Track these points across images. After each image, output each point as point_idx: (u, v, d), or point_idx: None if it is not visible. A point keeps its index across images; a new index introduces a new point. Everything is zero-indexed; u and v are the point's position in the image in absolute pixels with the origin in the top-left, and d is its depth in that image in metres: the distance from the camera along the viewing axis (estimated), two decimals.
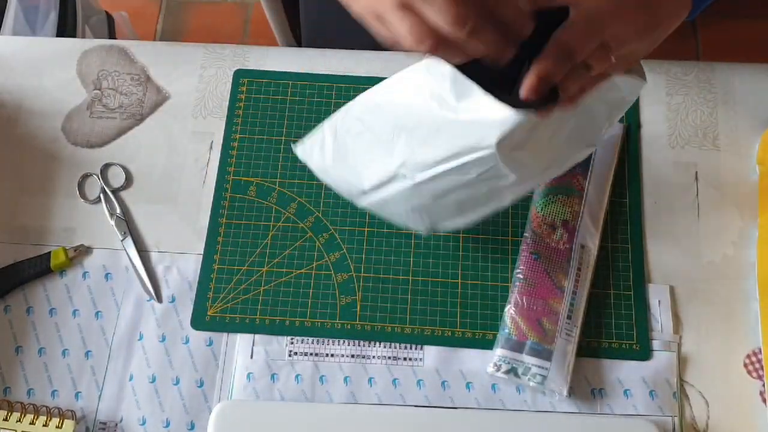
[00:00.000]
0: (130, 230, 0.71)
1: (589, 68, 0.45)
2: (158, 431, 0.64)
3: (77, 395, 0.65)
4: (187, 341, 0.67)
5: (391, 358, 0.66)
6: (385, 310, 0.67)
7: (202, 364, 0.66)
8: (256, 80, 0.77)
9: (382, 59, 0.77)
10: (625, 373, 0.65)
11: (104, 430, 0.64)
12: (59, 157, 0.74)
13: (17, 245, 0.70)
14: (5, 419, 0.63)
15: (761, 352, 0.65)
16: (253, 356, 0.66)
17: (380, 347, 0.66)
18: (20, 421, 0.63)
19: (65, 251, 0.69)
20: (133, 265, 0.69)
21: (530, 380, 0.63)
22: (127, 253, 0.70)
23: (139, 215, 0.72)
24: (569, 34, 0.43)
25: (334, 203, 0.71)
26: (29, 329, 0.67)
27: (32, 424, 0.63)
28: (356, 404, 0.64)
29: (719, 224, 0.70)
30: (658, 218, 0.71)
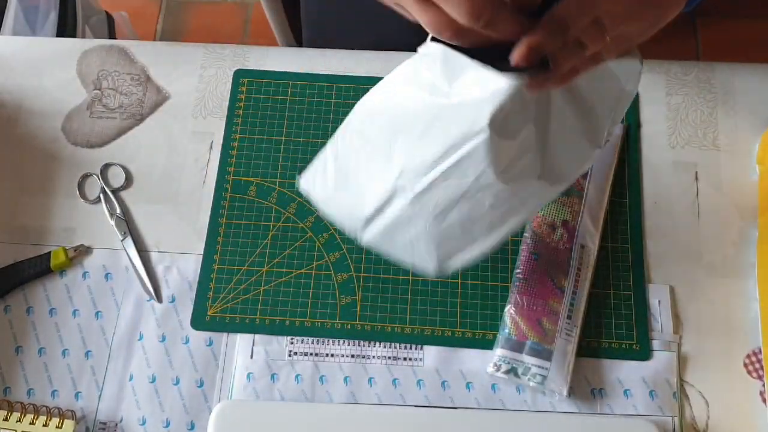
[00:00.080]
0: (130, 230, 0.71)
1: (583, 47, 0.45)
2: (158, 431, 0.64)
3: (77, 395, 0.65)
4: (187, 341, 0.67)
5: (391, 358, 0.66)
6: (385, 310, 0.67)
7: (202, 364, 0.66)
8: (256, 80, 0.77)
9: (382, 59, 0.77)
10: (625, 373, 0.65)
11: (104, 430, 0.64)
12: (59, 157, 0.74)
13: (17, 245, 0.70)
14: (5, 419, 0.63)
15: (761, 352, 0.65)
16: (253, 356, 0.66)
17: (380, 347, 0.66)
18: (20, 421, 0.63)
19: (65, 251, 0.69)
20: (133, 265, 0.69)
21: (530, 380, 0.63)
22: (127, 253, 0.70)
23: (139, 215, 0.72)
24: (564, 8, 0.44)
25: None
26: (29, 329, 0.68)
27: (32, 424, 0.63)
28: (356, 404, 0.64)
29: (719, 224, 0.70)
30: (658, 218, 0.71)
